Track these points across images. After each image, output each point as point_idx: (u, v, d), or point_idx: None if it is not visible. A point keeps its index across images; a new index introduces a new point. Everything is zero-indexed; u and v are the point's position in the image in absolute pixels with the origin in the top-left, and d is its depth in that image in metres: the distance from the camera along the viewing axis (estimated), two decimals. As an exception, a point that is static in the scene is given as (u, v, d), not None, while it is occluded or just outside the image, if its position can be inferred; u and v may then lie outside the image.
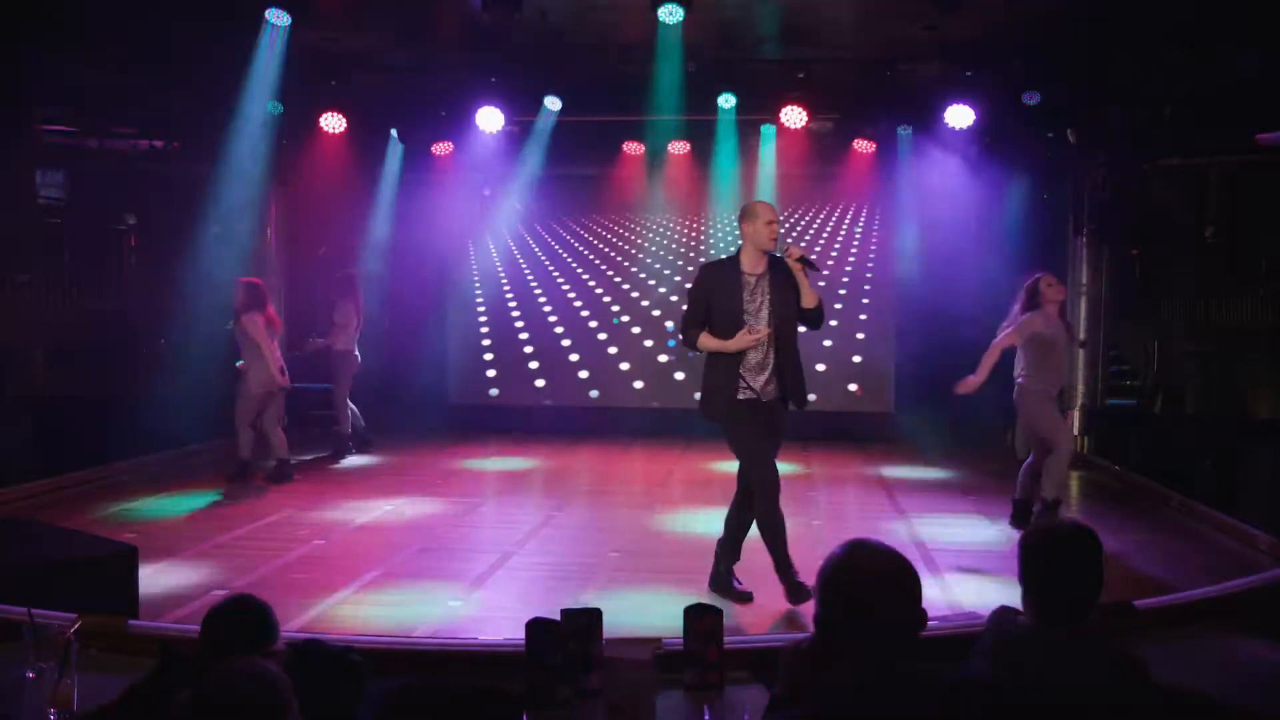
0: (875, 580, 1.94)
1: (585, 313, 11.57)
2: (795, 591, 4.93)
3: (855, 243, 11.31)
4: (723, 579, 5.20)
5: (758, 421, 5.00)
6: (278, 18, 7.74)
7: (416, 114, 9.99)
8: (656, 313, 11.43)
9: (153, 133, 9.82)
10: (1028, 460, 6.67)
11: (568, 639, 2.72)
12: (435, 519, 7.02)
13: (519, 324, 11.63)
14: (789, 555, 4.98)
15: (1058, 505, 6.34)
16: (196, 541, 6.19)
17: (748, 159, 10.69)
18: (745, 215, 5.04)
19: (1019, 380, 6.48)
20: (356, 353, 9.34)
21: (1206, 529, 6.71)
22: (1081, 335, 9.82)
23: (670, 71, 8.45)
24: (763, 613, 4.94)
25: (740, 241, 5.10)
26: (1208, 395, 9.87)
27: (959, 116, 8.94)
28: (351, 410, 9.47)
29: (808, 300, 5.01)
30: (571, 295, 11.61)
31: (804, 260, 4.97)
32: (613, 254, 11.67)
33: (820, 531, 6.67)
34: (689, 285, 5.37)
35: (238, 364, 8.11)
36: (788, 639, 3.79)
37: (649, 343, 11.39)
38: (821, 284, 11.22)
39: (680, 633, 2.87)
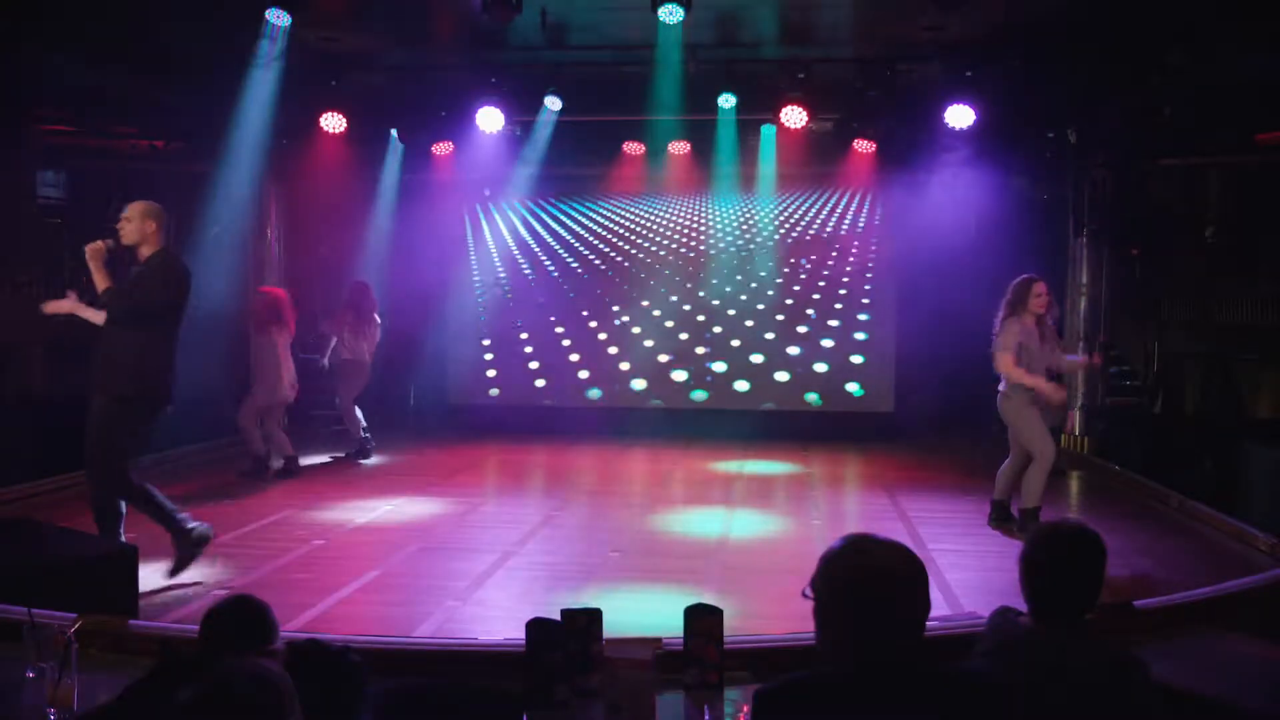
0: (881, 575, 1.90)
1: (585, 313, 11.56)
2: None
3: (855, 243, 11.31)
4: None
5: None
6: (278, 17, 7.74)
7: (416, 114, 9.98)
8: (657, 313, 11.43)
9: (153, 133, 9.82)
10: (1005, 462, 6.67)
11: (568, 639, 2.71)
12: (435, 519, 7.01)
13: (519, 324, 11.62)
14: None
15: (1036, 514, 6.30)
16: (196, 541, 6.17)
17: (748, 159, 10.69)
18: None
19: (1000, 388, 6.48)
20: (361, 361, 9.27)
21: (1206, 529, 6.70)
22: (1081, 335, 9.80)
23: (670, 71, 8.45)
24: (763, 613, 4.93)
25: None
26: (1208, 395, 9.87)
27: (959, 116, 8.93)
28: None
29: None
30: (572, 295, 11.60)
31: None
32: (613, 254, 11.67)
33: (821, 531, 6.68)
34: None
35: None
36: (787, 639, 3.79)
37: (649, 343, 11.39)
38: (822, 284, 11.25)
39: (680, 633, 2.87)
